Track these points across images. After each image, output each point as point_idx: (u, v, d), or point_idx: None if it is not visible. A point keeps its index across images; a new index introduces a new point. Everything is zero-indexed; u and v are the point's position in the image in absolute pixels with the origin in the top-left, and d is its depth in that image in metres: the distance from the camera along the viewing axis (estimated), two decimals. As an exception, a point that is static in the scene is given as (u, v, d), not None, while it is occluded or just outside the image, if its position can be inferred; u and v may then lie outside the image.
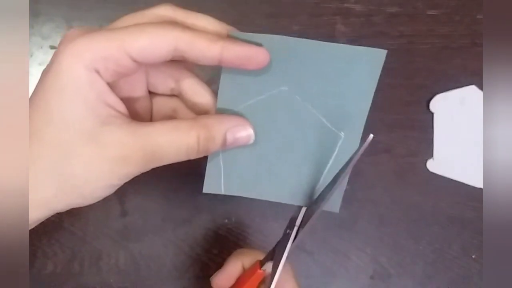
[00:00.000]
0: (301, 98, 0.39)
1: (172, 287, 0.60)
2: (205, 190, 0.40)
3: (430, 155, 0.62)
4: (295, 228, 0.40)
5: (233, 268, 0.43)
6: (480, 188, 0.61)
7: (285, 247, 0.40)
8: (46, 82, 0.33)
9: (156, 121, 0.35)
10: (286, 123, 0.39)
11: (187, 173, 0.53)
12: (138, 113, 0.40)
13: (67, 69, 0.32)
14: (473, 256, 0.61)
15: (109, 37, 0.33)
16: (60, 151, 0.33)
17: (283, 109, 0.39)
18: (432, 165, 0.62)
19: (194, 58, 0.34)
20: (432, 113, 0.62)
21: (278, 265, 0.40)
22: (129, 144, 0.33)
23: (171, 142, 0.34)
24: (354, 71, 0.38)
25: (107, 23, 0.61)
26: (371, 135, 0.35)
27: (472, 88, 0.61)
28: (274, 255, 0.41)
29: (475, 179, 0.61)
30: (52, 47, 0.62)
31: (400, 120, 0.62)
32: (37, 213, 0.34)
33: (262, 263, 0.42)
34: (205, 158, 0.39)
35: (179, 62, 0.37)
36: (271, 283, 0.40)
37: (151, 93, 0.41)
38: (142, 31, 0.33)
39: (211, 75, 0.62)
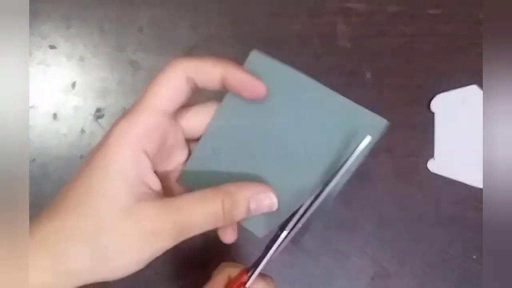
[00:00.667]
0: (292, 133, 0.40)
1: (172, 287, 0.60)
2: None
3: (431, 155, 0.62)
4: (285, 232, 0.40)
5: (219, 278, 0.44)
6: (481, 188, 0.61)
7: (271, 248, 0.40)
8: (93, 160, 0.35)
9: (183, 194, 0.36)
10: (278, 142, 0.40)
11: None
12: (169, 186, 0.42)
13: (115, 150, 0.35)
14: (474, 257, 0.61)
15: (157, 118, 0.37)
16: (96, 224, 0.33)
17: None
18: (433, 165, 0.61)
19: (201, 81, 0.38)
20: (433, 113, 0.62)
21: (259, 263, 0.40)
22: (162, 218, 0.34)
23: (200, 214, 0.36)
24: (350, 129, 0.39)
25: (107, 23, 0.62)
26: (369, 137, 0.36)
27: (473, 88, 0.61)
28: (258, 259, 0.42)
29: (475, 179, 0.61)
30: (51, 47, 0.62)
31: (401, 120, 0.62)
32: (69, 283, 0.34)
33: (248, 270, 0.42)
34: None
35: None
36: (249, 279, 0.40)
37: None
38: (162, 82, 0.37)
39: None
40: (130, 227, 0.34)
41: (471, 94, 0.61)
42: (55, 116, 0.61)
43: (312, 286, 0.61)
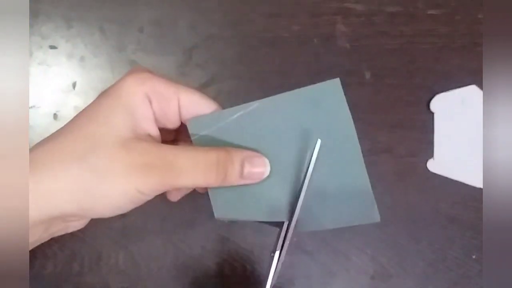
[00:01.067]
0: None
1: (171, 287, 0.60)
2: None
3: (431, 155, 0.62)
4: (277, 252, 0.40)
5: None
6: (480, 188, 0.61)
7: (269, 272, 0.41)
8: (106, 91, 0.37)
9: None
10: (264, 144, 0.40)
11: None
12: None
13: (128, 88, 0.37)
14: (474, 257, 0.61)
15: (169, 82, 0.38)
16: (90, 145, 0.34)
17: (260, 128, 0.40)
18: (433, 165, 0.61)
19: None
20: (433, 113, 0.62)
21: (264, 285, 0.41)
22: (153, 154, 0.35)
23: (190, 157, 0.36)
24: (321, 108, 0.40)
25: (107, 23, 0.62)
26: (319, 140, 0.37)
27: (473, 88, 0.61)
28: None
29: (475, 179, 0.61)
30: (51, 47, 0.62)
31: (400, 120, 0.62)
32: (49, 207, 0.34)
33: None
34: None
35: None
36: None
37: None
38: (195, 91, 0.39)
39: (210, 75, 0.62)
40: (122, 156, 0.34)
41: (470, 94, 0.61)
42: (55, 116, 0.61)
43: (311, 286, 0.61)
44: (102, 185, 0.34)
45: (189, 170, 0.35)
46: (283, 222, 0.41)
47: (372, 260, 0.61)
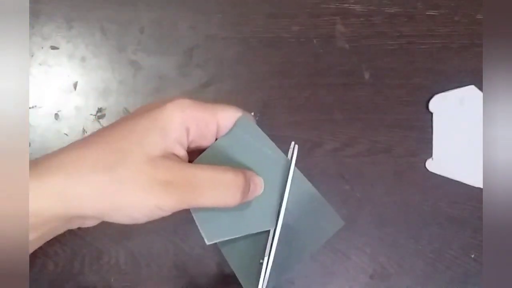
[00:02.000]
0: None
1: (172, 287, 0.60)
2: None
3: (430, 155, 0.62)
4: (265, 258, 0.41)
5: None
6: (479, 188, 0.61)
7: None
8: (144, 114, 0.38)
9: None
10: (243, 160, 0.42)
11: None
12: None
13: (168, 113, 0.38)
14: (472, 256, 0.61)
15: (208, 106, 0.40)
16: (119, 157, 0.35)
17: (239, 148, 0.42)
18: (431, 165, 0.62)
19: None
20: (431, 113, 0.62)
21: None
22: (175, 170, 0.36)
23: (209, 178, 0.37)
24: (315, 216, 0.43)
25: (108, 23, 0.62)
26: (295, 145, 0.41)
27: (471, 88, 0.61)
28: None
29: (474, 179, 0.61)
30: (52, 48, 0.62)
31: (400, 120, 0.63)
32: (69, 209, 0.34)
33: None
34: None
35: None
36: None
37: None
38: (230, 107, 0.42)
39: (211, 75, 0.62)
40: (148, 170, 0.35)
41: (469, 94, 0.61)
42: (56, 116, 0.61)
43: (311, 286, 0.61)
44: (125, 196, 0.35)
45: (208, 190, 0.37)
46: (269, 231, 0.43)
47: (372, 259, 0.61)
